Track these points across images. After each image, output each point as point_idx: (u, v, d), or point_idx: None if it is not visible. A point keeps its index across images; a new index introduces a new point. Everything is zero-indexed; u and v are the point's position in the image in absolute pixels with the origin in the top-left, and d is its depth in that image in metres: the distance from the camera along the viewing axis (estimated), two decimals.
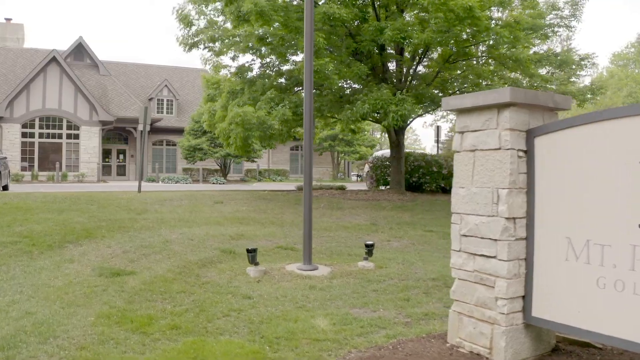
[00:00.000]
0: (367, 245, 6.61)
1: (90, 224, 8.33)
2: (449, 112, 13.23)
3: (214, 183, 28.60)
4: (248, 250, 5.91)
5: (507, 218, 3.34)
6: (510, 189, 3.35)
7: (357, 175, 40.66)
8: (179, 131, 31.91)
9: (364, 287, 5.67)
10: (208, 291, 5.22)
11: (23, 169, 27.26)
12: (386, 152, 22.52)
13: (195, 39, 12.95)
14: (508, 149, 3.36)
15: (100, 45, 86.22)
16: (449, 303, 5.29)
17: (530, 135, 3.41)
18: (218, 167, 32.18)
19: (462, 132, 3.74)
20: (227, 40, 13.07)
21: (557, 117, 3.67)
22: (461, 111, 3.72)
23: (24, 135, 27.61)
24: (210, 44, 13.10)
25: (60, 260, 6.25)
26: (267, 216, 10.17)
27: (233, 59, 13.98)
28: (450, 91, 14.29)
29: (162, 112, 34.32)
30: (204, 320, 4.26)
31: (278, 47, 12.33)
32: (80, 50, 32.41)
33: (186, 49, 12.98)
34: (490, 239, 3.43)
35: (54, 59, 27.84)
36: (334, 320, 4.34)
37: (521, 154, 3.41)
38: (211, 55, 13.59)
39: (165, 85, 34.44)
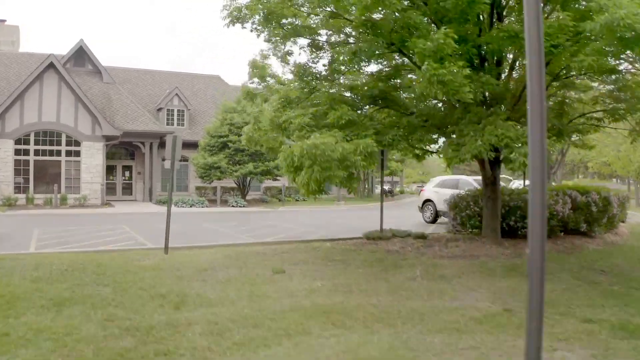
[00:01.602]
0: None
1: (106, 345, 5.14)
2: None
3: (233, 206, 25.43)
4: None
5: None
6: None
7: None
8: (191, 145, 28.45)
9: None
10: None
11: (17, 190, 23.97)
12: (447, 179, 19.35)
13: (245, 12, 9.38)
14: None
15: (99, 46, 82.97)
16: None
17: None
18: (234, 185, 28.97)
19: None
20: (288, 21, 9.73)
21: None
22: None
23: (17, 152, 24.22)
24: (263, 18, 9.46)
25: None
26: (361, 302, 6.97)
27: (286, 55, 10.68)
28: (572, 117, 11.09)
29: (172, 124, 31.15)
30: None
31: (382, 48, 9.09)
32: (81, 55, 29.18)
33: (229, 23, 9.56)
34: None
35: (51, 65, 24.53)
36: None
37: None
38: (273, 40, 10.18)
39: (176, 94, 31.25)
